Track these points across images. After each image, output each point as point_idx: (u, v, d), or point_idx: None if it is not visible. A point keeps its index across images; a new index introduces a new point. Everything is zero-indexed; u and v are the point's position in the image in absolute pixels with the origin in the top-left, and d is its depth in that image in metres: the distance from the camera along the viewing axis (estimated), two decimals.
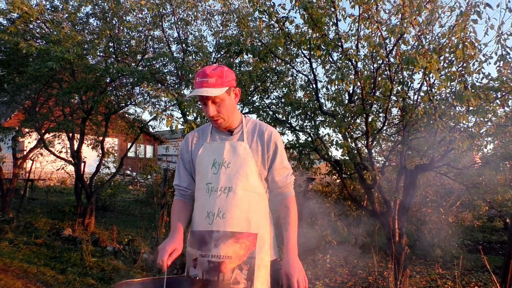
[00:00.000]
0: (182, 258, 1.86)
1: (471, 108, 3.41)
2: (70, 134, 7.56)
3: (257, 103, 5.97)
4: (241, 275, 1.64)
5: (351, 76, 4.05)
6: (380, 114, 4.94)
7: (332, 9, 3.88)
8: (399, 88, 4.25)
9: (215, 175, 1.72)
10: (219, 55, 6.21)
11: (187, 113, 5.47)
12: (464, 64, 3.52)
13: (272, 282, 1.71)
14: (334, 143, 4.29)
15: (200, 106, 4.92)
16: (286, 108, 5.37)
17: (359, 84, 4.03)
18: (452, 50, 3.54)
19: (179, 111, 6.12)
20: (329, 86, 4.75)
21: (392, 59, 3.81)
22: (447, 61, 3.71)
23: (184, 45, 5.96)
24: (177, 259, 1.67)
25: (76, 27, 6.15)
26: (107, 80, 6.35)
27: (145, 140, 15.75)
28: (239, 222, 1.67)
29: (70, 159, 7.46)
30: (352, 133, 4.61)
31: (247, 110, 6.20)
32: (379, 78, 4.11)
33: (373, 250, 5.60)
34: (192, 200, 1.85)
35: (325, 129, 5.35)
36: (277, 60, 5.52)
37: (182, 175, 1.87)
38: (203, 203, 1.73)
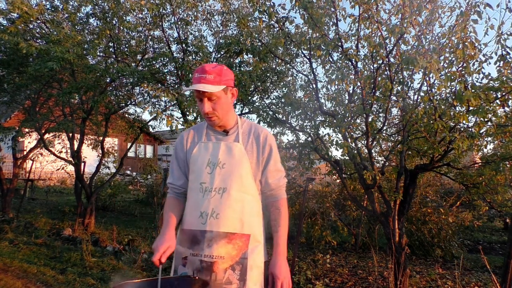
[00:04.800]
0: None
1: (471, 108, 3.41)
2: (70, 134, 7.55)
3: (257, 103, 5.97)
4: (233, 275, 1.65)
5: (351, 76, 4.04)
6: (380, 114, 4.94)
7: (332, 9, 3.88)
8: (399, 88, 4.24)
9: (209, 175, 1.73)
10: (219, 55, 6.21)
11: (187, 113, 5.47)
12: (464, 64, 3.52)
13: (266, 284, 1.72)
14: (334, 143, 4.28)
15: None
16: (286, 108, 5.36)
17: (359, 84, 4.03)
18: (452, 50, 3.54)
19: (179, 111, 6.12)
20: (329, 86, 4.75)
21: (392, 59, 3.81)
22: (447, 61, 3.71)
23: (184, 45, 5.96)
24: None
25: (76, 27, 6.14)
26: (107, 80, 6.35)
27: (145, 140, 15.75)
28: (233, 223, 1.68)
29: (70, 159, 7.46)
30: (352, 133, 4.60)
31: (247, 110, 6.21)
32: (379, 78, 4.11)
33: (373, 250, 5.60)
34: (185, 198, 1.85)
35: (325, 129, 5.33)
36: (277, 60, 5.52)
37: (176, 173, 1.88)
38: (196, 202, 1.73)
